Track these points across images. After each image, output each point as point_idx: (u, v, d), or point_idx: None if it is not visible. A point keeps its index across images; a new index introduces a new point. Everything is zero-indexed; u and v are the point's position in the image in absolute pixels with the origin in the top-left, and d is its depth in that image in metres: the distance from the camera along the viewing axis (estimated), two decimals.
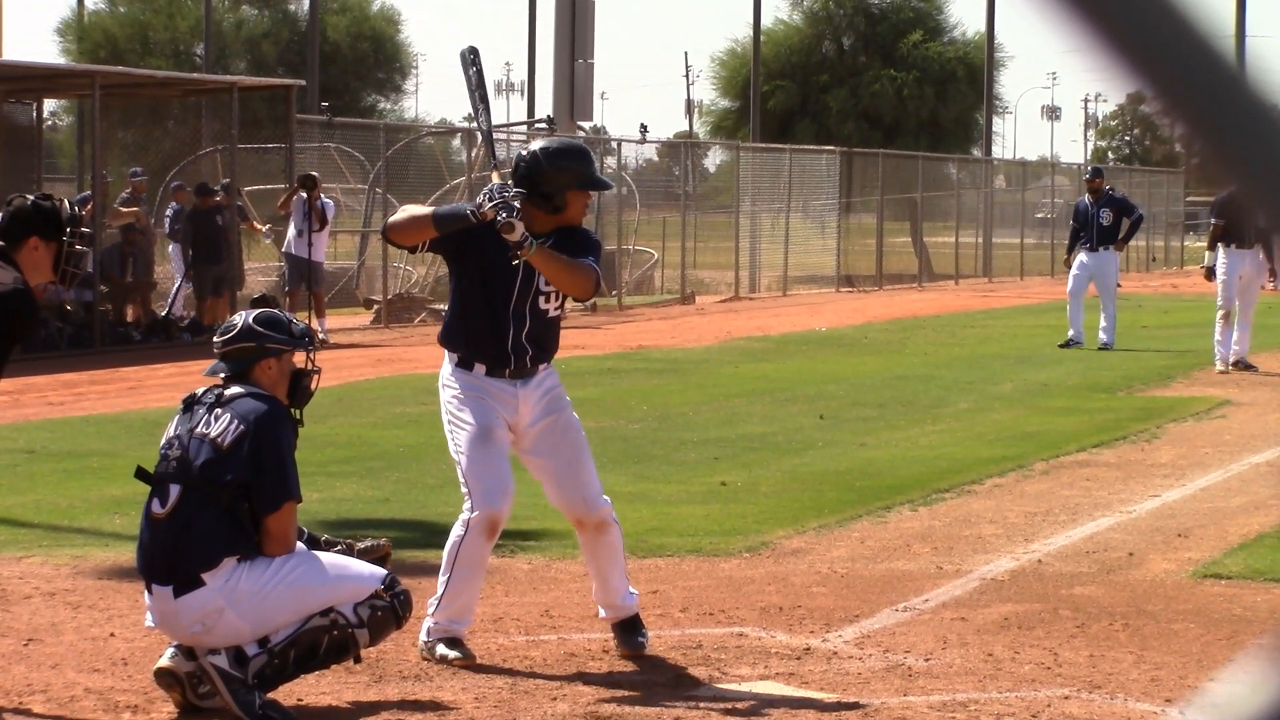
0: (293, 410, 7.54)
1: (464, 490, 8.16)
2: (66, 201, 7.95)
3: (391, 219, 8.27)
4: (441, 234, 8.06)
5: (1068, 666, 8.28)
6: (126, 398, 20.10)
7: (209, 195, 28.72)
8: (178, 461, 7.31)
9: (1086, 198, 27.80)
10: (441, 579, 8.23)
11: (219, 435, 7.26)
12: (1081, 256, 27.22)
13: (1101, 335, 26.69)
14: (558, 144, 8.58)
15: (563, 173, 8.24)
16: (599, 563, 8.44)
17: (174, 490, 7.27)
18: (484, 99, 8.82)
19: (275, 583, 7.18)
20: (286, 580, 7.19)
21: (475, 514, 8.08)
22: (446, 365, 8.35)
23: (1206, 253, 23.95)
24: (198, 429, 7.33)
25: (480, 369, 8.23)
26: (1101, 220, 27.12)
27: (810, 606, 9.49)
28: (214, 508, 7.19)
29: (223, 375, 7.50)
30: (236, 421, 7.27)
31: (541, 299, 8.26)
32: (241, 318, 7.65)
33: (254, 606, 7.15)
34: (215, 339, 7.65)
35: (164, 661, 7.32)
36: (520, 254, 7.94)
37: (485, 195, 7.97)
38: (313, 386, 7.64)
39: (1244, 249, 23.25)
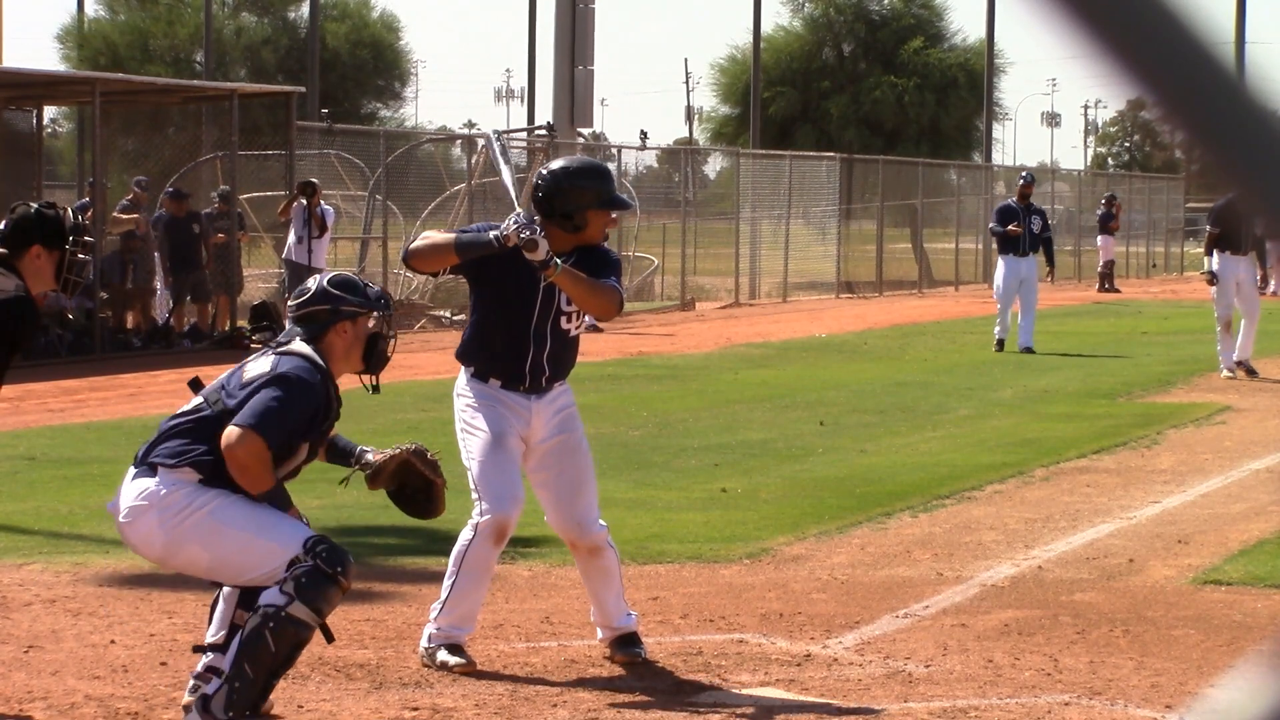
0: (366, 375, 7.50)
1: (474, 496, 8.18)
2: (70, 210, 7.96)
3: (412, 246, 8.24)
4: (464, 260, 8.08)
5: (1068, 673, 8.29)
6: (127, 404, 20.09)
7: (182, 201, 28.68)
8: (214, 383, 7.33)
9: (1014, 202, 28.14)
10: (446, 583, 8.24)
11: (250, 368, 7.27)
12: (1016, 262, 27.41)
13: (1024, 338, 27.14)
14: (578, 163, 8.57)
15: (583, 192, 8.24)
16: (593, 585, 8.45)
17: (195, 400, 7.28)
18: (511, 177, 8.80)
19: (196, 507, 7.08)
20: (207, 508, 7.08)
21: (485, 519, 8.10)
22: (462, 376, 8.39)
23: (1204, 258, 24.02)
24: (245, 363, 7.36)
25: (495, 383, 8.26)
26: (1033, 228, 27.48)
27: (810, 613, 9.49)
28: (211, 426, 7.14)
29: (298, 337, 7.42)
30: (271, 367, 7.23)
31: (563, 319, 8.28)
32: (315, 280, 7.61)
33: (171, 521, 7.07)
34: (289, 302, 7.61)
35: (187, 697, 7.22)
36: (546, 274, 7.96)
37: (511, 221, 7.98)
38: (389, 351, 7.56)
39: (1239, 255, 23.43)
